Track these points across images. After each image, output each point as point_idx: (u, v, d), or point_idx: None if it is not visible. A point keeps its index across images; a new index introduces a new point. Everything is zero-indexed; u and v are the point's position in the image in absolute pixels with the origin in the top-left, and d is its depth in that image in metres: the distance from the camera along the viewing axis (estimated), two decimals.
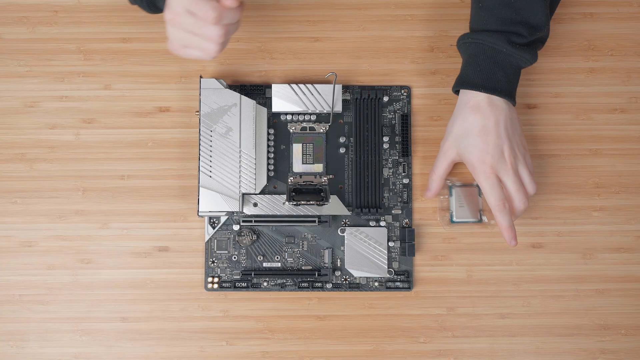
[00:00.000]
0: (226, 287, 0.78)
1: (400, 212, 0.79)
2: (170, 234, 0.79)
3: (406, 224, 0.79)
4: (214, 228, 0.78)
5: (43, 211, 0.79)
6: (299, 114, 0.79)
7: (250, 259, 0.78)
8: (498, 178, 0.72)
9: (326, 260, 0.78)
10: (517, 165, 0.73)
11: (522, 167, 0.73)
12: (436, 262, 0.79)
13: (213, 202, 0.74)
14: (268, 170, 0.79)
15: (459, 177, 0.79)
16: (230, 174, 0.75)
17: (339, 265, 0.78)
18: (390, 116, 0.80)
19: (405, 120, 0.79)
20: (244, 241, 0.78)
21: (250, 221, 0.77)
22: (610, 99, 0.80)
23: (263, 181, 0.77)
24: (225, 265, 0.78)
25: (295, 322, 0.78)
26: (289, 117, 0.79)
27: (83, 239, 0.79)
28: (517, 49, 0.71)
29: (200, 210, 0.74)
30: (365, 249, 0.77)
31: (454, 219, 0.78)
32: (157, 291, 0.78)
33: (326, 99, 0.78)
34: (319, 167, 0.79)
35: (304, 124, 0.79)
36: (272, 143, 0.79)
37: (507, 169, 0.72)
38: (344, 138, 0.79)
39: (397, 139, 0.79)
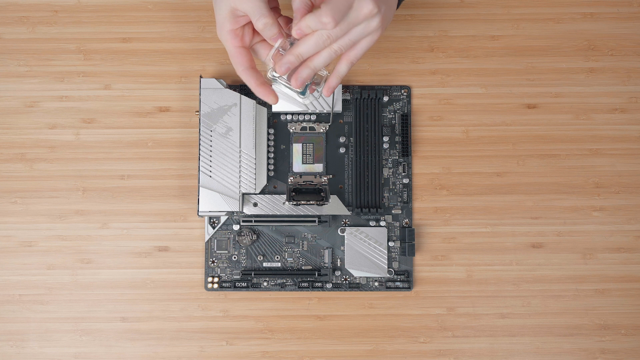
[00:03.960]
0: (226, 287, 0.78)
1: (400, 212, 0.79)
2: (170, 234, 0.79)
3: (406, 223, 0.79)
4: (214, 228, 0.78)
5: (43, 211, 0.79)
6: (299, 114, 0.79)
7: (250, 259, 0.78)
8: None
9: (326, 260, 0.78)
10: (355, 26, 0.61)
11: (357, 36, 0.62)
12: (436, 262, 0.79)
13: (213, 202, 0.74)
14: (268, 170, 0.79)
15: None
16: (230, 174, 0.75)
17: (339, 265, 0.78)
18: (390, 116, 0.80)
19: (405, 120, 0.79)
20: (244, 241, 0.78)
21: (250, 221, 0.77)
22: (610, 99, 0.80)
23: (263, 181, 0.77)
24: (225, 265, 0.78)
25: (295, 322, 0.78)
26: (289, 117, 0.79)
27: (83, 239, 0.79)
28: None
29: (200, 210, 0.74)
30: (365, 249, 0.77)
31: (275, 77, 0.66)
32: (157, 291, 0.78)
33: (326, 99, 0.78)
34: (319, 167, 0.79)
35: (304, 124, 0.79)
36: (272, 143, 0.79)
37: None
38: (344, 138, 0.80)
39: (397, 139, 0.79)
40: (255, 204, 0.76)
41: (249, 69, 0.65)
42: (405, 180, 0.79)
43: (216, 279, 0.78)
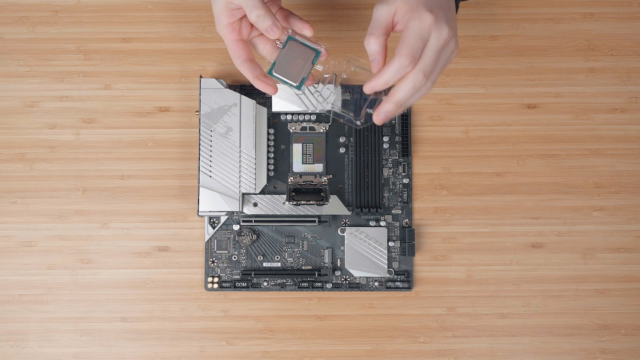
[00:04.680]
0: (226, 287, 0.78)
1: (400, 212, 0.79)
2: (170, 234, 0.79)
3: (406, 223, 0.79)
4: (214, 228, 0.78)
5: (43, 211, 0.79)
6: (299, 113, 0.79)
7: (250, 259, 0.78)
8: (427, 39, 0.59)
9: (326, 260, 0.78)
10: (448, 44, 0.60)
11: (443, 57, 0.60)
12: (436, 262, 0.79)
13: (213, 202, 0.74)
14: (268, 170, 0.79)
15: None
16: (230, 173, 0.75)
17: (339, 265, 0.78)
18: None
19: (405, 120, 0.79)
20: (244, 241, 0.78)
21: (250, 221, 0.77)
22: (610, 99, 0.80)
23: (263, 181, 0.77)
24: (225, 265, 0.78)
25: (295, 322, 0.78)
26: (289, 117, 0.79)
27: (83, 239, 0.79)
28: None
29: (200, 210, 0.74)
30: (365, 249, 0.77)
31: (273, 71, 0.65)
32: (157, 291, 0.78)
33: (326, 98, 0.78)
34: (319, 167, 0.79)
35: (304, 124, 0.79)
36: (272, 143, 0.79)
37: (441, 37, 0.58)
38: (344, 138, 0.80)
39: (397, 139, 0.79)
40: (255, 204, 0.76)
41: (247, 62, 0.65)
42: (405, 180, 0.79)
43: (216, 279, 0.78)
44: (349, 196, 0.79)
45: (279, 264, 0.78)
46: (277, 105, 0.78)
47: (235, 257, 0.78)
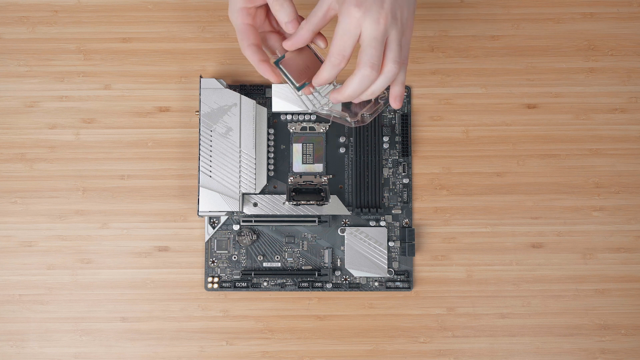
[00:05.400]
0: (226, 287, 0.78)
1: (400, 212, 0.79)
2: (170, 234, 0.79)
3: (406, 223, 0.79)
4: (214, 228, 0.78)
5: (43, 211, 0.79)
6: (299, 113, 0.79)
7: (250, 259, 0.78)
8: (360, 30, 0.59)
9: (326, 260, 0.78)
10: (394, 27, 0.59)
11: (396, 34, 0.60)
12: (436, 262, 0.79)
13: (213, 202, 0.74)
14: (268, 170, 0.79)
15: None
16: (230, 173, 0.75)
17: (339, 265, 0.78)
18: (390, 116, 0.80)
19: (405, 120, 0.79)
20: (244, 241, 0.78)
21: (250, 221, 0.77)
22: (610, 99, 0.80)
23: (263, 181, 0.77)
24: (225, 265, 0.78)
25: (295, 322, 0.78)
26: (289, 117, 0.79)
27: (83, 239, 0.79)
28: None
29: (200, 210, 0.74)
30: (365, 249, 0.77)
31: (280, 63, 0.65)
32: (157, 291, 0.78)
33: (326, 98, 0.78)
34: (319, 167, 0.79)
35: (304, 124, 0.79)
36: (272, 143, 0.79)
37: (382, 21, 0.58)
38: (344, 138, 0.80)
39: (397, 139, 0.79)
40: (255, 204, 0.76)
41: (253, 45, 0.64)
42: (405, 180, 0.79)
43: (216, 279, 0.78)
44: (349, 196, 0.79)
45: (279, 264, 0.78)
46: (277, 105, 0.78)
47: (235, 257, 0.78)
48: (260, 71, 0.64)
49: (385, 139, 0.79)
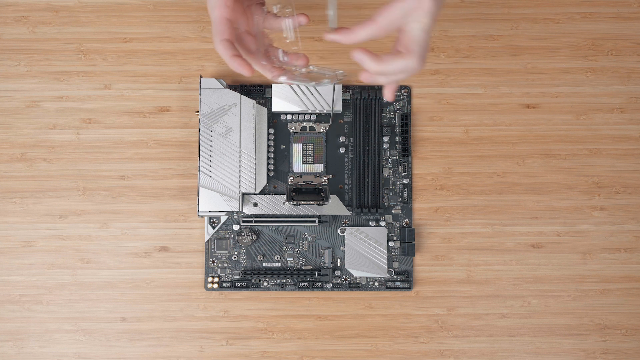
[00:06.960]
0: (226, 287, 0.78)
1: (400, 212, 0.79)
2: (170, 234, 0.79)
3: (406, 223, 0.79)
4: (214, 228, 0.78)
5: (43, 211, 0.79)
6: (299, 113, 0.79)
7: (250, 259, 0.78)
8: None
9: (326, 260, 0.78)
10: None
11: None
12: (436, 262, 0.79)
13: (213, 202, 0.74)
14: (268, 170, 0.79)
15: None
16: (230, 173, 0.75)
17: (339, 265, 0.78)
18: (390, 116, 0.80)
19: (405, 120, 0.79)
20: (244, 241, 0.78)
21: (250, 221, 0.77)
22: (610, 99, 0.80)
23: (263, 181, 0.77)
24: (225, 265, 0.78)
25: (295, 322, 0.78)
26: (289, 117, 0.79)
27: (83, 239, 0.79)
28: None
29: (200, 210, 0.74)
30: (365, 249, 0.77)
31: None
32: (157, 291, 0.78)
33: (326, 98, 0.78)
34: (319, 167, 0.79)
35: (304, 124, 0.79)
36: (272, 143, 0.79)
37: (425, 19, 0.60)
38: (344, 138, 0.80)
39: (397, 139, 0.79)
40: (255, 204, 0.76)
41: (227, 41, 0.64)
42: (405, 180, 0.79)
43: (216, 279, 0.78)
44: (349, 196, 0.79)
45: (279, 264, 0.78)
46: (277, 105, 0.78)
47: (235, 257, 0.78)
48: (233, 66, 0.64)
49: (385, 139, 0.79)
